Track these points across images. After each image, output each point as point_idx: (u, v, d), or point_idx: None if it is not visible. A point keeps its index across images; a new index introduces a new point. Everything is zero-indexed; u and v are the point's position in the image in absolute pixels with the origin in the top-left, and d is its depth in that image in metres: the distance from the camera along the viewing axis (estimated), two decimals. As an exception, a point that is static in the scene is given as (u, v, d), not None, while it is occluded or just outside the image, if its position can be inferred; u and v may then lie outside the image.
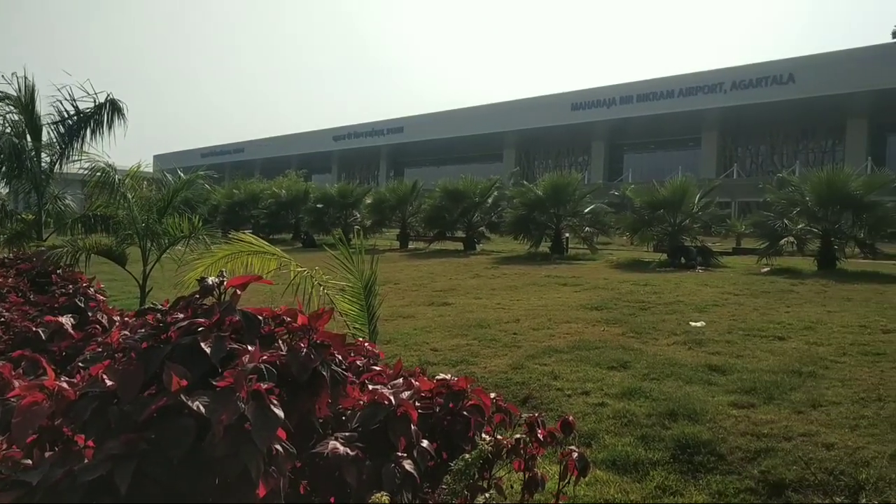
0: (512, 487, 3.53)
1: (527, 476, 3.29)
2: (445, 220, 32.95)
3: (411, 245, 34.94)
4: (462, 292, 15.11)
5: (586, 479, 5.00)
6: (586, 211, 28.91)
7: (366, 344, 3.53)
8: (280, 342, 2.39)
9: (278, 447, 2.01)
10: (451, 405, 2.94)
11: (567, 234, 29.31)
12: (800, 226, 22.44)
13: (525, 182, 37.02)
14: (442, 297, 14.24)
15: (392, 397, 2.54)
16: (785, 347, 9.04)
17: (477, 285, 16.47)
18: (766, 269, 20.30)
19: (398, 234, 36.65)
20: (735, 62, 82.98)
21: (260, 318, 2.39)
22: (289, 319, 2.45)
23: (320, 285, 5.44)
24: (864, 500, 4.75)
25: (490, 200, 33.01)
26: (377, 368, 3.23)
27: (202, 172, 11.59)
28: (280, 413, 1.99)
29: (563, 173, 34.94)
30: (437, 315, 11.98)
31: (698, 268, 21.61)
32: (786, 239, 22.53)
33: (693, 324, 10.68)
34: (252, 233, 6.58)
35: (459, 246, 31.86)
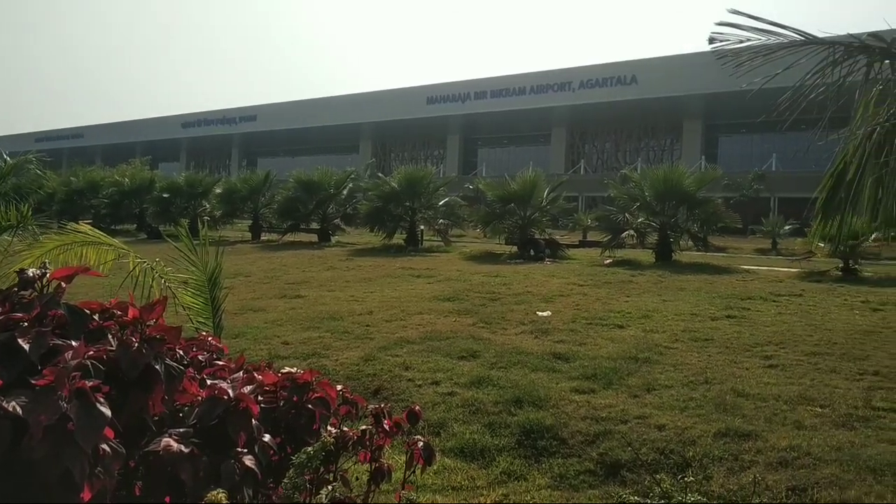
0: (357, 479, 3.53)
1: (373, 467, 3.30)
2: (300, 212, 32.46)
3: (264, 237, 34.20)
4: (315, 285, 14.94)
5: (434, 467, 5.09)
6: (441, 204, 29.30)
7: (209, 338, 3.42)
8: (110, 337, 2.27)
9: (105, 447, 1.91)
10: (295, 398, 2.90)
11: (422, 227, 29.61)
12: (640, 220, 23.74)
13: (381, 174, 37.07)
14: (294, 290, 14.03)
15: (231, 391, 2.47)
16: (624, 335, 9.54)
17: (331, 277, 16.33)
18: (608, 261, 21.31)
19: (250, 225, 35.77)
20: (583, 62, 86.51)
21: (87, 311, 2.26)
22: (119, 313, 2.34)
23: (161, 278, 5.22)
24: (690, 476, 5.09)
25: (345, 192, 32.81)
26: (221, 363, 3.13)
27: (33, 157, 10.81)
28: (107, 411, 1.89)
29: (418, 166, 35.26)
30: (288, 308, 11.78)
31: (546, 260, 22.43)
32: (627, 232, 23.82)
33: (540, 313, 11.06)
34: (92, 223, 6.21)
35: (314, 238, 31.48)
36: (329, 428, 3.05)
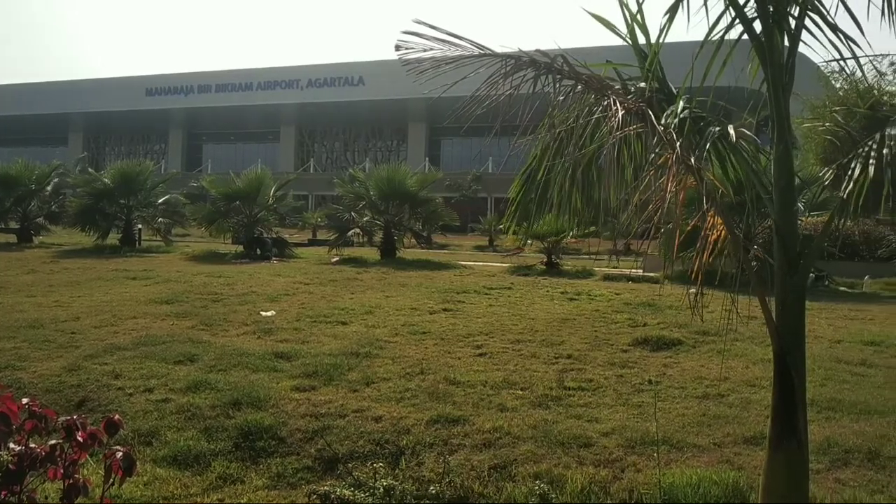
0: (47, 498, 3.28)
1: (66, 483, 3.08)
2: (-6, 210, 29.09)
3: (-51, 238, 30.23)
4: (12, 290, 13.48)
5: (144, 478, 4.88)
6: (160, 202, 27.85)
7: None
8: None
9: None
10: (-35, 416, 2.63)
11: (140, 226, 27.96)
12: (366, 218, 24.31)
13: (92, 170, 34.37)
14: (-14, 297, 12.56)
15: None
16: (347, 331, 9.74)
17: (31, 281, 14.84)
18: (336, 259, 21.58)
19: (-68, 225, 31.40)
20: (312, 60, 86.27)
21: None
22: None
23: None
24: (403, 464, 5.34)
25: (50, 188, 30.05)
26: None
27: None
28: None
29: (136, 161, 33.17)
30: (-24, 318, 10.52)
31: (273, 259, 22.21)
32: (354, 230, 24.32)
33: (264, 313, 10.94)
34: None
35: (12, 238, 28.41)
36: (11, 446, 2.80)
